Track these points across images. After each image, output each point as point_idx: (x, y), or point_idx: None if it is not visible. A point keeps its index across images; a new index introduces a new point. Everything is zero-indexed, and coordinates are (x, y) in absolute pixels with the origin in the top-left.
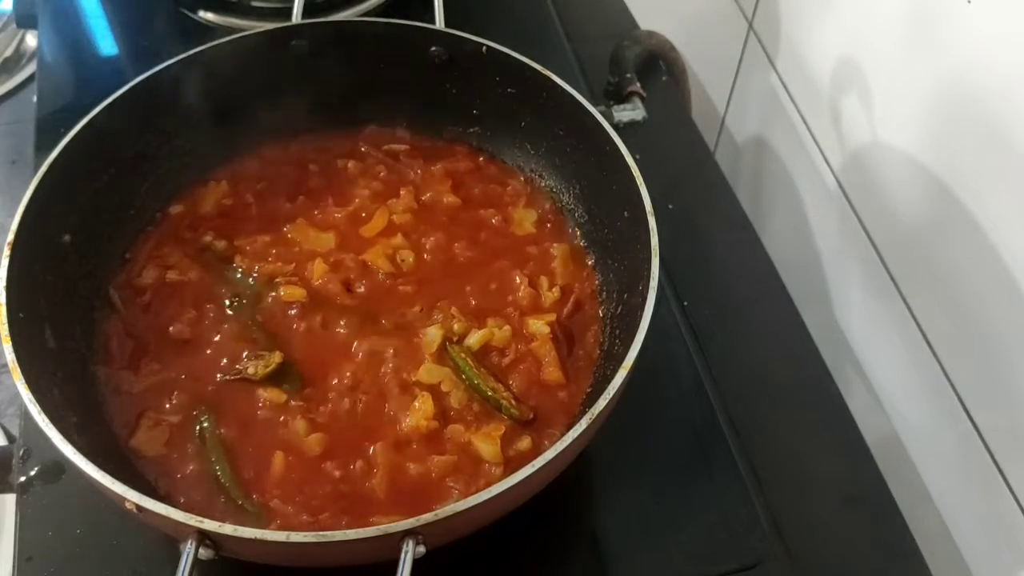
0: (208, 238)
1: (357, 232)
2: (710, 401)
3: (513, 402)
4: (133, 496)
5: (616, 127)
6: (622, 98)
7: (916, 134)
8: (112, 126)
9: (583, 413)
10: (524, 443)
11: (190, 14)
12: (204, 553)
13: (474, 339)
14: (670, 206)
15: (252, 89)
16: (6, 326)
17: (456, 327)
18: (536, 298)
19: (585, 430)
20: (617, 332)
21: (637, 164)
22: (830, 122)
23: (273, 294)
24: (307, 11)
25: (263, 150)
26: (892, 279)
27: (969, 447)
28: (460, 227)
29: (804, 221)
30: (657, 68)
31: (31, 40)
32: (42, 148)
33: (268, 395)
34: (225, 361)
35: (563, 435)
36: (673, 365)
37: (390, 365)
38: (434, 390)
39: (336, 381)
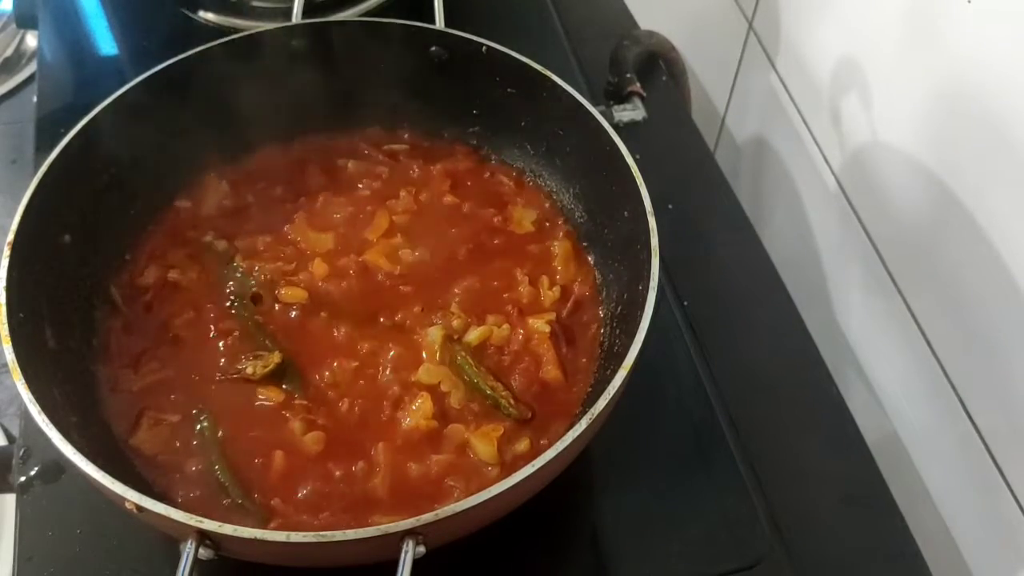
0: (209, 238)
1: (357, 232)
2: (710, 401)
3: (512, 401)
4: (133, 496)
5: (616, 127)
6: (622, 98)
7: (916, 134)
8: (112, 126)
9: (583, 413)
10: (523, 443)
11: (190, 14)
12: (204, 553)
13: (473, 336)
14: (670, 206)
15: (252, 89)
16: (6, 326)
17: (455, 323)
18: (536, 297)
19: (585, 430)
20: (617, 332)
21: (637, 164)
22: (830, 122)
23: (274, 294)
24: (307, 11)
25: (263, 150)
26: (892, 279)
27: (969, 447)
28: (460, 227)
29: (804, 221)
30: (657, 68)
31: (31, 40)
32: (42, 148)
33: (268, 395)
34: (225, 361)
35: (563, 435)
36: (673, 365)
37: (390, 365)
38: (433, 390)
39: (336, 381)
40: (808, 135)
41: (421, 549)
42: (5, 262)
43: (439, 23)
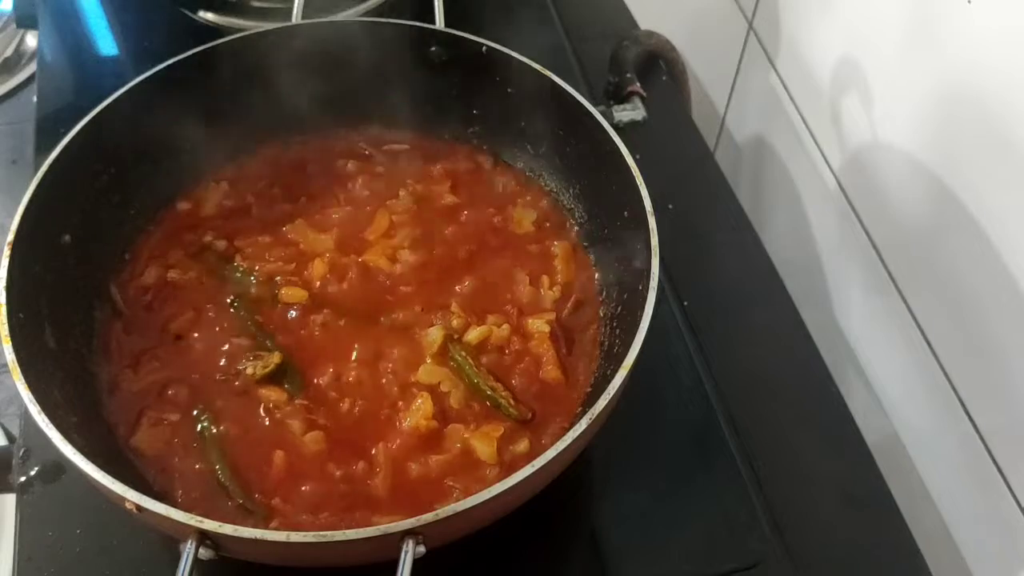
0: (209, 238)
1: (357, 232)
2: (710, 401)
3: (512, 401)
4: (133, 496)
5: (616, 127)
6: (622, 98)
7: (916, 134)
8: (112, 126)
9: (583, 413)
10: (523, 443)
11: (190, 14)
12: (204, 553)
13: (473, 335)
14: (670, 206)
15: (252, 89)
16: (6, 326)
17: (455, 323)
18: (536, 297)
19: (585, 430)
20: (617, 332)
21: (637, 164)
22: (830, 122)
23: (274, 294)
24: (307, 11)
25: (263, 150)
26: (892, 279)
27: (969, 447)
28: (460, 227)
29: (804, 221)
30: (657, 68)
31: (31, 40)
32: (42, 148)
33: (268, 395)
34: (225, 361)
35: (563, 435)
36: (673, 365)
37: (390, 365)
38: (433, 390)
39: (336, 381)
40: (808, 135)
41: (421, 549)
42: (5, 262)
43: (439, 23)
